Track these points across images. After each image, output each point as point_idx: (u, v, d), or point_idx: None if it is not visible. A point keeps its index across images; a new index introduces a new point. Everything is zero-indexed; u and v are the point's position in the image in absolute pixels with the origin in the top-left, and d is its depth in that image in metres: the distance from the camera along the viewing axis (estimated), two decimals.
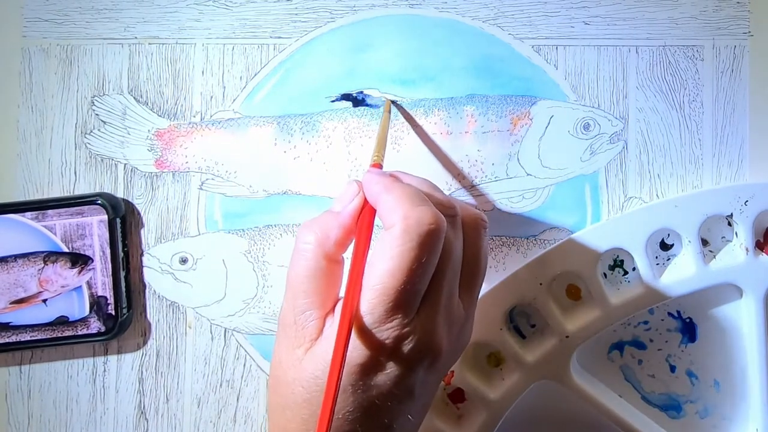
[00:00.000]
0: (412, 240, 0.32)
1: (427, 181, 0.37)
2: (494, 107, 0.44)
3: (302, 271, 0.34)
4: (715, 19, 0.44)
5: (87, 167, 0.45)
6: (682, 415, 0.44)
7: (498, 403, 0.42)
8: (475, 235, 0.36)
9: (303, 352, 0.33)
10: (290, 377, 0.33)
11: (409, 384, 0.33)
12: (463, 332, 0.36)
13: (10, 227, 0.43)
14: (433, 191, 0.36)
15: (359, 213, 0.35)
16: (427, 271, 0.33)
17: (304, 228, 0.35)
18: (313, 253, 0.34)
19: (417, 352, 0.33)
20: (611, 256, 0.44)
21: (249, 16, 0.45)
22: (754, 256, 0.42)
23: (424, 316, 0.33)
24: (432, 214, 0.32)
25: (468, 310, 0.36)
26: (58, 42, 0.45)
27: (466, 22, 0.44)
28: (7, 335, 0.43)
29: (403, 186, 0.34)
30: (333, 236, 0.34)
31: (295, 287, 0.34)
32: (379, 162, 0.38)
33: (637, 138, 0.44)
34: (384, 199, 0.34)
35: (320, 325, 0.34)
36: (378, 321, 0.32)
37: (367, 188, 0.35)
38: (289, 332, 0.34)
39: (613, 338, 0.44)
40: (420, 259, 0.32)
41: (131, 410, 0.44)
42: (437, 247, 0.33)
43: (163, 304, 0.44)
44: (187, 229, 0.44)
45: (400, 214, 0.32)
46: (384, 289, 0.32)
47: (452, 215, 0.35)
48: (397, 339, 0.32)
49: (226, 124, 0.44)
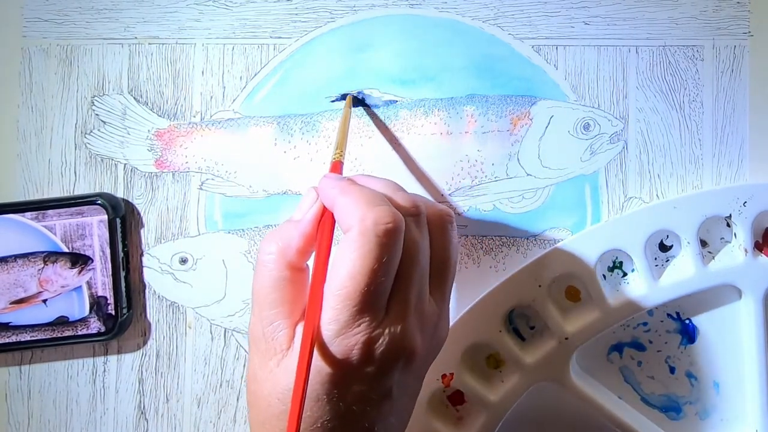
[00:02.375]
0: (369, 241, 0.32)
1: (390, 182, 0.37)
2: (494, 107, 0.44)
3: (266, 282, 0.34)
4: (715, 19, 0.44)
5: (87, 167, 0.45)
6: (681, 416, 0.44)
7: (497, 405, 0.42)
8: (441, 232, 0.36)
9: (275, 364, 0.33)
10: (266, 391, 0.33)
11: (386, 387, 0.33)
12: (438, 330, 0.36)
13: (10, 227, 0.43)
14: (395, 192, 0.36)
15: (319, 219, 0.35)
16: (389, 272, 0.32)
17: (265, 239, 0.35)
18: (276, 264, 0.34)
19: (389, 354, 0.32)
20: (610, 257, 0.43)
21: (249, 16, 0.44)
22: (753, 257, 0.42)
23: (394, 317, 0.33)
24: (388, 213, 0.32)
25: (441, 307, 0.36)
26: (58, 42, 0.45)
27: (466, 22, 0.44)
28: (7, 335, 0.43)
29: (359, 188, 0.34)
30: (294, 245, 0.34)
31: (261, 299, 0.34)
32: (339, 160, 0.38)
33: (637, 138, 0.44)
34: (340, 203, 0.34)
35: (290, 334, 0.33)
36: (345, 326, 0.32)
37: (323, 194, 0.35)
38: (260, 345, 0.34)
39: (613, 340, 0.44)
40: (380, 259, 0.32)
41: (131, 410, 0.44)
42: (397, 246, 0.33)
43: (163, 304, 0.44)
44: (187, 229, 0.44)
45: (357, 216, 0.32)
46: (347, 293, 0.31)
47: (415, 214, 0.35)
48: (366, 343, 0.32)
49: (226, 124, 0.44)
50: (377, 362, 0.32)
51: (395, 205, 0.34)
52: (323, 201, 0.35)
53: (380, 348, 0.32)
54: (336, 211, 0.34)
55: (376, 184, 0.36)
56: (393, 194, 0.35)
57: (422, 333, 0.34)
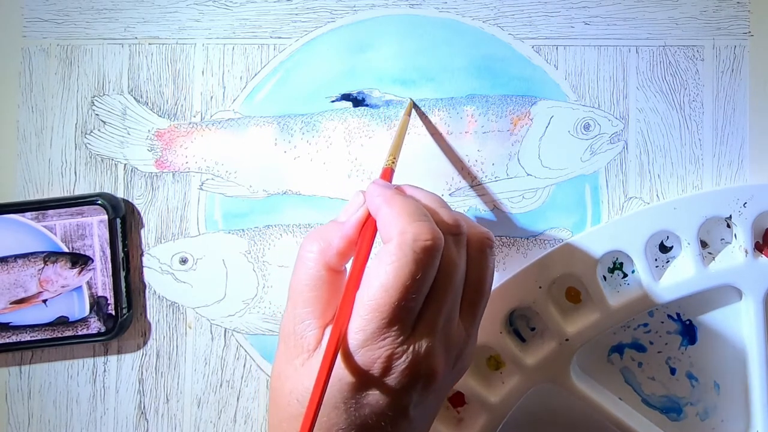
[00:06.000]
0: (406, 255, 0.31)
1: (435, 196, 0.37)
2: (494, 107, 0.44)
3: (303, 279, 0.34)
4: (715, 19, 0.44)
5: (87, 167, 0.45)
6: (682, 417, 0.44)
7: (498, 407, 0.42)
8: (480, 255, 0.35)
9: (301, 363, 0.33)
10: (287, 389, 0.33)
11: (403, 405, 0.33)
12: (464, 355, 0.35)
13: (10, 227, 0.43)
14: (439, 207, 0.35)
15: (363, 224, 0.35)
16: (421, 289, 0.32)
17: (308, 237, 0.35)
18: (315, 263, 0.34)
19: (410, 373, 0.32)
20: (610, 258, 0.43)
21: (249, 16, 0.44)
22: (754, 257, 0.42)
23: (420, 336, 0.32)
24: (429, 229, 0.32)
25: (469, 332, 0.35)
26: (58, 42, 0.45)
27: (466, 22, 0.44)
28: (7, 335, 0.43)
29: (405, 199, 0.34)
30: (335, 246, 0.34)
31: (296, 296, 0.34)
32: (391, 167, 0.38)
33: (637, 138, 0.44)
34: (384, 213, 0.33)
35: (319, 335, 0.33)
36: (370, 338, 0.31)
37: (369, 200, 0.35)
38: (288, 342, 0.34)
39: (613, 341, 0.44)
40: (415, 275, 0.31)
41: (131, 410, 0.44)
42: (433, 264, 0.32)
43: (163, 304, 0.44)
44: (187, 230, 0.44)
45: (398, 228, 0.32)
46: (377, 305, 0.31)
47: (456, 233, 0.34)
48: (389, 358, 0.32)
49: (226, 124, 0.44)
50: (397, 378, 0.32)
51: (438, 221, 0.34)
52: (369, 207, 0.35)
53: (402, 365, 0.32)
54: (379, 219, 0.34)
55: (423, 197, 0.36)
56: (437, 209, 0.35)
57: (446, 356, 0.33)
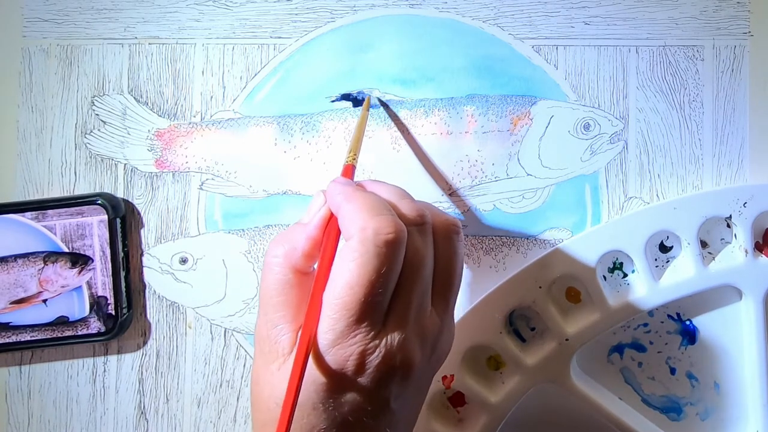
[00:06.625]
0: (369, 251, 0.31)
1: (398, 189, 0.36)
2: (494, 107, 0.44)
3: (272, 285, 0.34)
4: (715, 19, 0.44)
5: (87, 167, 0.45)
6: (682, 417, 0.44)
7: (498, 407, 0.42)
8: (446, 242, 0.35)
9: (277, 368, 0.33)
10: (266, 394, 0.33)
11: (383, 399, 0.33)
12: (440, 343, 0.35)
13: (10, 227, 0.43)
14: (400, 199, 0.35)
15: (326, 223, 0.34)
16: (388, 283, 0.32)
17: (273, 241, 0.35)
18: (281, 267, 0.34)
19: (385, 367, 0.32)
20: (610, 258, 0.43)
21: (249, 16, 0.44)
22: (754, 257, 0.42)
23: (391, 329, 0.32)
24: (390, 222, 0.32)
25: (443, 319, 0.35)
26: (58, 42, 0.45)
27: (466, 22, 0.44)
28: (7, 335, 0.43)
29: (365, 195, 0.34)
30: (300, 248, 0.34)
31: (266, 301, 0.34)
32: (352, 164, 0.38)
33: (637, 138, 0.44)
34: (344, 210, 0.33)
35: (293, 338, 0.33)
36: (340, 337, 0.31)
37: (330, 198, 0.35)
38: (263, 347, 0.34)
39: (613, 341, 0.44)
40: (379, 270, 0.31)
41: (131, 410, 0.44)
42: (397, 257, 0.32)
43: (163, 304, 0.44)
44: (187, 229, 0.44)
45: (359, 224, 0.32)
46: (344, 303, 0.31)
47: (419, 223, 0.34)
48: (361, 354, 0.31)
49: (226, 124, 0.44)
50: (372, 374, 0.32)
51: (400, 214, 0.34)
52: (330, 206, 0.35)
53: (375, 360, 0.32)
54: (340, 217, 0.33)
55: (384, 190, 0.36)
56: (398, 202, 0.35)
57: (422, 345, 0.33)
